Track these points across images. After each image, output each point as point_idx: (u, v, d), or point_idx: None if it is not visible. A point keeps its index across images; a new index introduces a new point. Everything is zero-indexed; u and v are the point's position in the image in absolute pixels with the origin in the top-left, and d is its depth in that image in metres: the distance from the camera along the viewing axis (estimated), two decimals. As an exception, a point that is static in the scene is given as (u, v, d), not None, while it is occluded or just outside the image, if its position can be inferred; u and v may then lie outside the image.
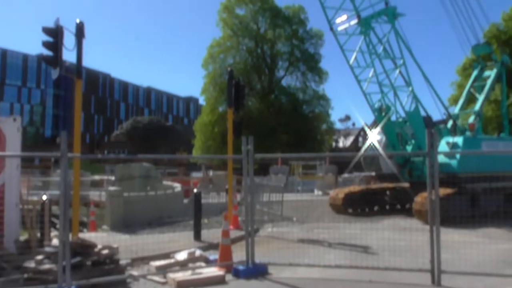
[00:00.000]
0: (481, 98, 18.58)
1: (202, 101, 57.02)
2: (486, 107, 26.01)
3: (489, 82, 18.84)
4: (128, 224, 13.00)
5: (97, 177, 26.45)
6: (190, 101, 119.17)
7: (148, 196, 15.13)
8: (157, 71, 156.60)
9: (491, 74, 19.07)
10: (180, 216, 14.60)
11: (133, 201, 14.01)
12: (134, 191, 15.63)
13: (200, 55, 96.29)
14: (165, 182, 20.66)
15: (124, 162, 18.85)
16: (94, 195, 16.95)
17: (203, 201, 13.18)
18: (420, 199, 13.38)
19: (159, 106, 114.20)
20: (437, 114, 17.54)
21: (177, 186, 18.96)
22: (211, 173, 32.59)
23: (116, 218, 13.16)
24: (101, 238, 8.99)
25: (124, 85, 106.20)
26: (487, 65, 19.73)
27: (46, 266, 6.32)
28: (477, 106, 18.40)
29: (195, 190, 12.28)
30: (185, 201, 18.03)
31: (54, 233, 9.15)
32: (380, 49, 15.58)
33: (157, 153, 58.32)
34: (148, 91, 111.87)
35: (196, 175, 35.13)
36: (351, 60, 15.55)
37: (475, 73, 19.70)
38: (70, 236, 6.61)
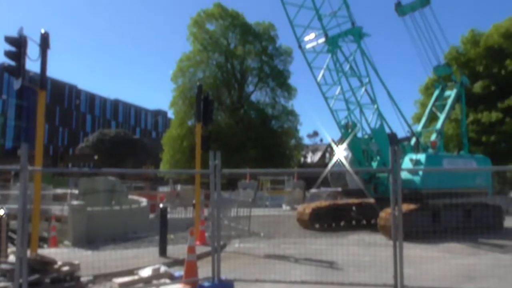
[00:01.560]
0: (442, 116, 19.29)
1: (171, 114, 56.64)
2: (447, 126, 26.99)
3: (449, 102, 19.60)
4: (91, 239, 12.63)
5: (60, 191, 25.65)
6: (158, 114, 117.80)
7: (113, 210, 14.78)
8: (125, 83, 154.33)
9: (451, 94, 19.86)
10: (145, 232, 14.31)
11: (97, 215, 13.64)
12: (98, 205, 15.23)
13: (169, 68, 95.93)
14: (131, 197, 20.25)
15: (89, 176, 18.38)
16: (56, 209, 16.41)
17: (170, 216, 13.00)
18: (384, 214, 13.64)
19: (126, 119, 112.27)
20: (401, 132, 18.09)
21: (143, 201, 18.62)
22: (178, 187, 32.21)
23: (78, 233, 12.76)
24: (61, 254, 8.70)
25: (91, 97, 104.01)
26: (447, 85, 20.55)
27: (1, 284, 6.05)
28: (438, 125, 19.08)
29: (161, 205, 12.08)
30: (151, 216, 17.70)
31: (11, 249, 8.78)
32: (346, 67, 15.99)
33: (124, 166, 57.14)
34: (116, 103, 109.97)
35: (163, 189, 34.61)
36: (319, 78, 15.88)
37: (436, 92, 20.47)
38: (29, 252, 6.36)
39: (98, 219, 13.46)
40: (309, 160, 67.98)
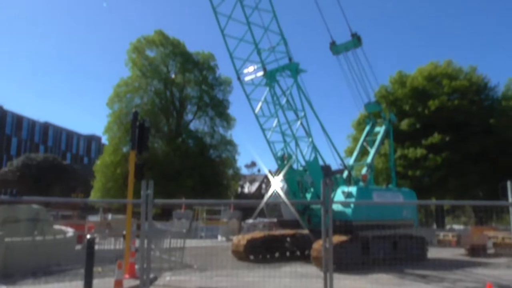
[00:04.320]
0: (372, 151, 20.30)
1: (105, 140, 54.67)
2: (377, 160, 28.41)
3: (379, 137, 20.72)
4: (8, 273, 11.62)
5: (-25, 220, 23.56)
6: (92, 140, 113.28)
7: (35, 241, 13.74)
8: (57, 105, 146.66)
9: (380, 130, 21.04)
10: (70, 264, 13.44)
11: (16, 247, 12.62)
12: (18, 235, 14.12)
13: (105, 92, 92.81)
14: (56, 227, 19.03)
15: (9, 204, 17.09)
16: (-31, 240, 15.00)
17: (99, 247, 12.35)
18: (317, 246, 13.86)
19: (57, 143, 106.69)
20: (334, 164, 18.79)
21: (70, 231, 17.57)
22: (109, 217, 30.80)
23: (-7, 266, 11.71)
24: (-29, 291, 7.91)
25: (18, 119, 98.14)
26: (377, 121, 21.76)
27: None
28: (369, 159, 20.02)
29: (88, 236, 11.46)
30: (78, 247, 16.72)
31: None
32: (283, 100, 16.47)
33: (52, 193, 53.93)
34: (46, 126, 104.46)
35: (93, 218, 32.90)
36: (257, 109, 16.19)
37: (367, 128, 21.60)
38: None
39: (17, 250, 12.46)
40: (246, 190, 68.08)
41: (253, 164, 66.71)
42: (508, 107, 35.72)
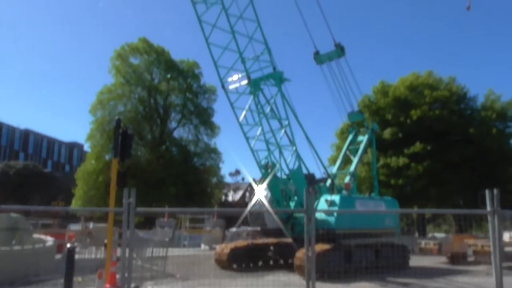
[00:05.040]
0: (355, 160, 20.47)
1: (87, 147, 53.93)
2: (360, 169, 28.63)
3: (362, 146, 20.92)
4: (-16, 283, 11.35)
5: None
6: (73, 147, 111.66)
7: (12, 251, 13.45)
8: (38, 112, 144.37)
9: (363, 139, 21.25)
10: (50, 274, 13.17)
11: (-7, 256, 12.34)
12: (-4, 245, 13.80)
13: (88, 99, 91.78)
14: (36, 235, 18.66)
15: (-13, 212, 16.70)
16: None
17: (80, 256, 12.14)
18: (300, 254, 13.86)
19: (37, 151, 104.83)
20: (317, 173, 18.87)
21: (49, 240, 17.24)
22: (91, 225, 30.32)
23: (-32, 277, 11.40)
24: None
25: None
26: (360, 130, 22.00)
27: None
28: (352, 167, 20.18)
29: (68, 245, 11.27)
30: (58, 256, 16.41)
31: None
32: (267, 109, 16.54)
33: (31, 202, 53.01)
34: (26, 133, 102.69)
35: (75, 227, 32.35)
36: (241, 118, 16.23)
37: (350, 137, 21.80)
38: None
39: (-5, 260, 12.17)
40: (230, 198, 67.83)
41: (237, 172, 66.54)
42: (487, 117, 36.51)
